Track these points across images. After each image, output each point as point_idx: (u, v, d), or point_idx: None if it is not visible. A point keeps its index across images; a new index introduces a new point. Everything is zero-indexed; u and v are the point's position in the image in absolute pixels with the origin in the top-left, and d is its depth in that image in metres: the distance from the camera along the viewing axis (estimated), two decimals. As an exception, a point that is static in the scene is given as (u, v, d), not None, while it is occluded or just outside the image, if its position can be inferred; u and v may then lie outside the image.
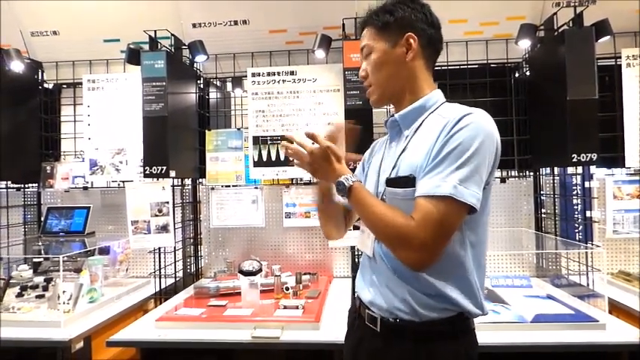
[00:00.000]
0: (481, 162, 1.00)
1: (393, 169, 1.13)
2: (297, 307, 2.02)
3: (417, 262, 1.01)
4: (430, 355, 1.06)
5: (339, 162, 1.14)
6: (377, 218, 1.04)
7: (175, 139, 2.45)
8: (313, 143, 1.15)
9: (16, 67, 2.74)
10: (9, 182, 2.94)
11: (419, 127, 1.14)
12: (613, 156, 2.49)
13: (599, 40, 2.22)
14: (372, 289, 1.18)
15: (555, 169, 2.55)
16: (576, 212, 2.34)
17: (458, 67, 2.73)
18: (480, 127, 1.01)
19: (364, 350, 1.18)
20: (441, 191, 0.97)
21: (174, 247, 2.61)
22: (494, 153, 1.04)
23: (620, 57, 2.52)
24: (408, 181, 1.07)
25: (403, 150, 1.14)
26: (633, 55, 2.49)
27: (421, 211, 0.99)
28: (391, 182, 1.12)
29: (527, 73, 2.71)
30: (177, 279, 2.69)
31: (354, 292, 2.56)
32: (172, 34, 2.59)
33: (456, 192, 0.97)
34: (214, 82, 3.09)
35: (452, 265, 1.06)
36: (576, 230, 2.33)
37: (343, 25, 2.54)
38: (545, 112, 2.42)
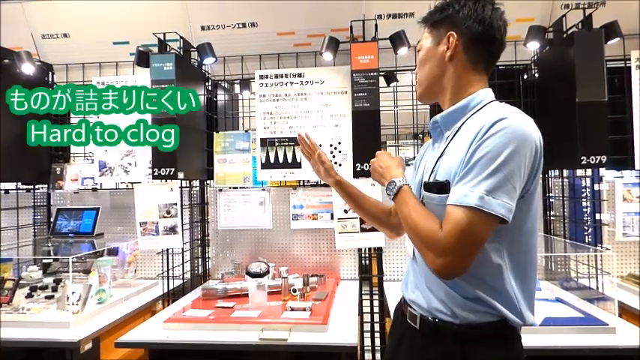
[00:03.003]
0: (514, 170, 0.96)
1: (431, 172, 1.13)
2: (304, 309, 2.02)
3: (441, 269, 0.99)
4: (467, 357, 1.05)
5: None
6: (412, 222, 1.06)
7: (184, 141, 2.46)
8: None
9: (27, 69, 2.76)
10: (19, 183, 2.97)
11: (459, 128, 1.11)
12: (623, 158, 2.46)
13: (608, 42, 2.21)
14: (414, 289, 1.19)
15: (564, 171, 2.53)
16: (585, 215, 2.32)
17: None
18: (514, 132, 0.97)
19: (404, 347, 1.19)
20: (468, 201, 0.96)
21: (182, 249, 2.62)
22: (532, 159, 0.99)
23: (629, 59, 2.50)
24: (443, 187, 1.06)
25: (442, 152, 1.12)
26: (643, 57, 2.47)
27: (449, 220, 0.98)
28: (428, 187, 1.12)
29: (536, 75, 2.69)
30: (185, 280, 2.70)
31: (361, 293, 2.58)
32: (181, 37, 2.61)
33: (482, 203, 0.94)
34: (222, 85, 3.11)
35: (487, 273, 1.04)
36: (585, 233, 2.32)
37: (351, 27, 2.54)
38: (554, 114, 2.41)
